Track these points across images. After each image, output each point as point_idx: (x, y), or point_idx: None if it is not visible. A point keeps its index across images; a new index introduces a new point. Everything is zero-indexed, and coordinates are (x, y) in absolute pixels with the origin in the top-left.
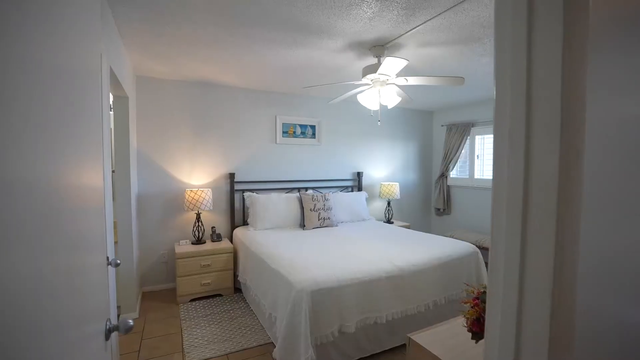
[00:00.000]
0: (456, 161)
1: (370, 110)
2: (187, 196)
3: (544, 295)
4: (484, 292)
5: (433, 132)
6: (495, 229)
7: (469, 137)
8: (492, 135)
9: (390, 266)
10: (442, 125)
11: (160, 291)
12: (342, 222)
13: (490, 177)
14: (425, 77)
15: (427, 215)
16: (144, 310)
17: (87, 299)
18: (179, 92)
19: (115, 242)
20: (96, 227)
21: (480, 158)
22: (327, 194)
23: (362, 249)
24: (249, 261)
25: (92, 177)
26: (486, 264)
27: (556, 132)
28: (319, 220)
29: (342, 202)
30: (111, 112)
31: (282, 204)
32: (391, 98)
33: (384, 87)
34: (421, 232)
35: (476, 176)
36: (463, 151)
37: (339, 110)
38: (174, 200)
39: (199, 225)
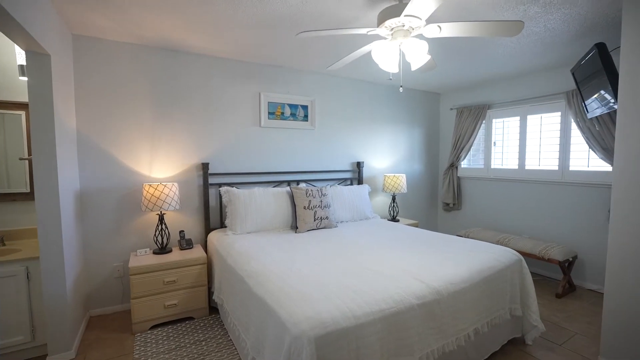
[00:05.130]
0: (469, 149)
1: (389, 73)
2: (145, 192)
3: None
4: None
5: (440, 116)
6: None
7: (484, 122)
8: (514, 118)
9: (422, 287)
10: (452, 109)
11: (113, 315)
12: (342, 221)
13: (514, 167)
14: (468, 22)
15: (433, 211)
16: (86, 346)
17: None
18: (135, 59)
19: (36, 258)
20: None
21: (498, 145)
22: (323, 188)
23: (377, 260)
24: (226, 279)
25: None
26: (532, 273)
27: None
28: (315, 220)
29: (342, 198)
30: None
31: (269, 201)
32: (418, 54)
33: (407, 40)
34: (442, 234)
35: (493, 166)
36: (476, 138)
37: (335, 87)
38: (131, 198)
39: (162, 228)
